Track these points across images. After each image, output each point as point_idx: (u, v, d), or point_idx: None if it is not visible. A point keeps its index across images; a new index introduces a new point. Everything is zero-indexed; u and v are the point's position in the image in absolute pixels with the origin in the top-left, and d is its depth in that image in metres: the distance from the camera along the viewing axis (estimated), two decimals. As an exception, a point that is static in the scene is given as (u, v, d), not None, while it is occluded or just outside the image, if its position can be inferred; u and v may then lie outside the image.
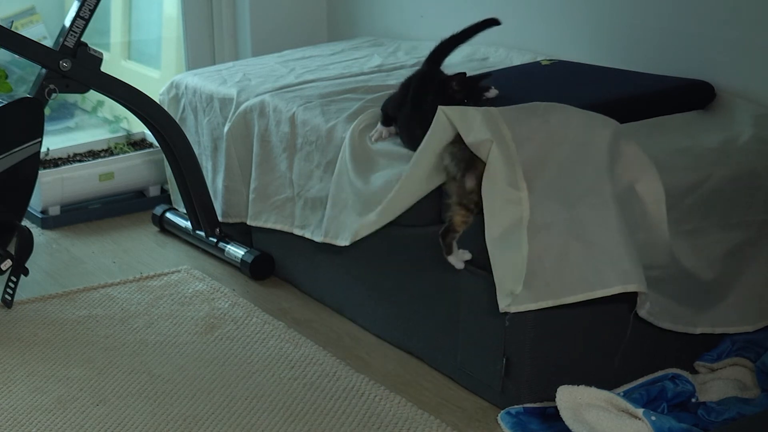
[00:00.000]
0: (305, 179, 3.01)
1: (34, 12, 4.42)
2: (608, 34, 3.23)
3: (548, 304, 2.33)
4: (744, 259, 2.56)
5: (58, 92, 3.05)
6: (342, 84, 3.24)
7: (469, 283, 2.51)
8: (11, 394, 2.58)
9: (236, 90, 3.31)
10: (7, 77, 3.73)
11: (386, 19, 3.99)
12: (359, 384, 2.61)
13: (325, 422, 2.45)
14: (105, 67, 3.10)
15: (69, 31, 3.01)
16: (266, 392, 2.58)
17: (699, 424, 2.33)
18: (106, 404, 2.53)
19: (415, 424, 2.44)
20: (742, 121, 2.74)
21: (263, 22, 4.11)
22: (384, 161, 2.73)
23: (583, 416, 2.30)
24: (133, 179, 3.83)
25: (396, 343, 2.82)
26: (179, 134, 3.26)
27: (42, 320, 2.96)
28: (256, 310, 3.01)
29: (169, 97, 3.56)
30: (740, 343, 2.58)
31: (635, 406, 2.28)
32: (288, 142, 3.05)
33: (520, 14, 3.48)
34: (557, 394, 2.33)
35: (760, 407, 2.37)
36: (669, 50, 3.04)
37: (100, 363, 2.73)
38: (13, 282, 3.03)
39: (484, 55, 3.48)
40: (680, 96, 2.86)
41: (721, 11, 2.92)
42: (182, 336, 2.87)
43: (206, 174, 3.37)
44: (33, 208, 3.66)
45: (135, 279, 3.23)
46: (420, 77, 2.72)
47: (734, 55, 2.89)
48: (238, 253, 3.28)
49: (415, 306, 2.72)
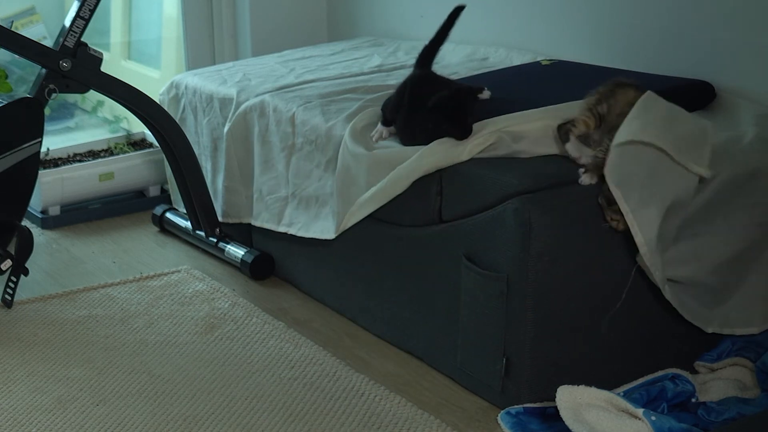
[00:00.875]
0: (302, 178, 3.01)
1: (34, 12, 4.42)
2: (608, 34, 3.22)
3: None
4: (749, 260, 2.56)
5: (58, 92, 3.05)
6: (342, 84, 3.25)
7: (469, 283, 2.51)
8: (11, 394, 2.58)
9: (236, 90, 3.31)
10: (7, 77, 3.74)
11: (386, 19, 3.99)
12: (359, 384, 2.61)
13: (325, 422, 2.45)
14: (105, 67, 3.10)
15: (69, 31, 3.01)
16: (266, 392, 2.58)
17: (699, 424, 2.33)
18: (106, 404, 2.53)
19: (415, 424, 2.44)
20: (744, 121, 2.74)
21: (263, 22, 4.11)
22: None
23: (583, 416, 2.30)
24: (133, 179, 3.83)
25: (396, 343, 2.82)
26: (179, 134, 3.26)
27: (42, 320, 2.96)
28: (256, 310, 3.01)
29: (169, 97, 3.56)
30: (740, 343, 2.58)
31: (635, 406, 2.28)
32: (287, 141, 3.05)
33: (520, 14, 3.48)
34: (557, 394, 2.33)
35: (760, 407, 2.37)
36: (669, 50, 3.04)
37: (100, 363, 2.73)
38: (13, 282, 3.03)
39: (484, 55, 3.48)
40: (681, 96, 2.85)
41: (721, 11, 2.92)
42: (182, 336, 2.87)
43: (206, 174, 3.37)
44: (33, 208, 3.66)
45: (135, 279, 3.23)
46: (415, 81, 2.74)
47: (735, 55, 2.89)
48: (238, 253, 3.28)
49: (415, 306, 2.72)
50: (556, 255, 2.38)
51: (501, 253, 2.42)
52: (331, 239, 2.89)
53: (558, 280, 2.39)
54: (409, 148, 2.65)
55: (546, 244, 2.36)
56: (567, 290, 2.41)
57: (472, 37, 3.56)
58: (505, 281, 2.41)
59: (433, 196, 2.61)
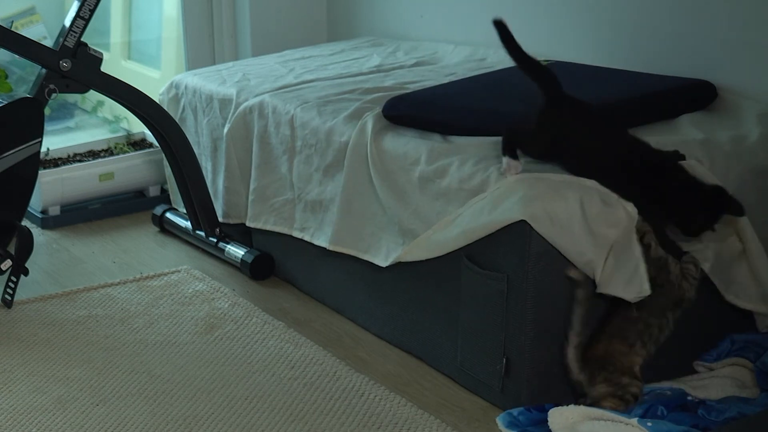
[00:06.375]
0: (304, 182, 3.00)
1: (34, 12, 4.42)
2: (609, 34, 3.22)
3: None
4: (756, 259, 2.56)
5: (58, 92, 3.04)
6: (340, 84, 3.24)
7: (469, 283, 2.51)
8: (11, 394, 2.58)
9: (235, 90, 3.30)
10: (7, 77, 3.74)
11: (386, 19, 3.99)
12: (359, 384, 2.61)
13: (325, 422, 2.45)
14: (105, 67, 3.10)
15: (69, 31, 3.01)
16: (266, 392, 2.58)
17: (699, 424, 2.33)
18: (106, 404, 2.53)
19: (415, 424, 2.44)
20: (747, 120, 2.74)
21: (263, 22, 4.11)
22: (431, 192, 2.62)
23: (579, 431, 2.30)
24: (133, 179, 3.83)
25: (396, 343, 2.82)
26: (179, 134, 3.26)
27: (42, 320, 2.96)
28: (256, 310, 3.01)
29: (169, 97, 3.56)
30: (740, 344, 2.58)
31: (627, 416, 2.28)
32: (288, 144, 3.05)
33: (520, 14, 3.48)
34: (549, 417, 2.33)
35: (761, 406, 2.37)
36: (670, 50, 3.04)
37: (100, 363, 2.73)
38: (13, 282, 3.03)
39: (482, 55, 3.48)
40: (682, 96, 2.86)
41: (722, 10, 2.92)
42: (182, 336, 2.87)
43: (206, 174, 3.37)
44: (33, 208, 3.66)
45: (135, 279, 3.23)
46: (629, 140, 2.44)
47: (736, 54, 2.89)
48: (238, 253, 3.28)
49: (415, 306, 2.72)
50: (556, 255, 2.38)
51: (501, 253, 2.42)
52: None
53: (558, 280, 2.39)
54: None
55: (546, 244, 2.36)
56: (567, 290, 2.40)
57: (474, 38, 3.56)
58: (505, 281, 2.41)
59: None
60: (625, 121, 2.70)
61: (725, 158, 2.57)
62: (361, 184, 2.78)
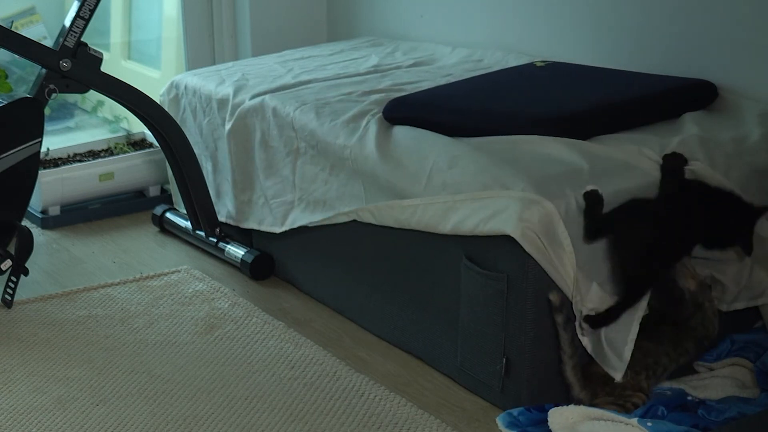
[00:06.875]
0: (309, 182, 3.00)
1: (34, 12, 4.42)
2: (609, 34, 3.22)
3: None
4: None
5: (58, 92, 3.04)
6: (338, 85, 3.23)
7: (469, 283, 2.51)
8: (11, 394, 2.58)
9: (232, 90, 3.30)
10: (7, 77, 3.74)
11: (386, 19, 3.99)
12: (359, 384, 2.61)
13: (325, 422, 2.45)
14: (105, 67, 3.10)
15: (69, 31, 3.01)
16: (266, 392, 2.58)
17: (699, 424, 2.33)
18: (106, 404, 2.53)
19: (415, 424, 2.44)
20: (747, 121, 2.74)
21: (263, 22, 4.11)
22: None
23: (579, 431, 2.30)
24: (133, 179, 3.83)
25: (396, 343, 2.82)
26: (179, 134, 3.26)
27: (42, 320, 2.96)
28: (256, 310, 3.01)
29: (169, 98, 3.56)
30: (740, 344, 2.58)
31: (627, 417, 2.28)
32: (292, 146, 3.04)
33: (520, 15, 3.48)
34: (549, 417, 2.34)
35: (762, 406, 2.37)
36: (671, 50, 3.04)
37: (100, 363, 2.73)
38: (13, 282, 3.03)
39: (479, 57, 3.48)
40: (682, 96, 2.85)
41: (722, 11, 2.92)
42: (182, 336, 2.87)
43: (206, 174, 3.36)
44: (33, 208, 3.66)
45: (135, 279, 3.23)
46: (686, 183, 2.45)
47: (736, 54, 2.89)
48: (238, 253, 3.28)
49: (415, 306, 2.72)
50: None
51: (501, 253, 2.42)
52: (336, 238, 2.88)
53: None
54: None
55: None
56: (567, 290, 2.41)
57: (475, 38, 3.56)
58: (505, 281, 2.41)
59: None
60: (626, 121, 2.71)
61: (726, 158, 2.57)
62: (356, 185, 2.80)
